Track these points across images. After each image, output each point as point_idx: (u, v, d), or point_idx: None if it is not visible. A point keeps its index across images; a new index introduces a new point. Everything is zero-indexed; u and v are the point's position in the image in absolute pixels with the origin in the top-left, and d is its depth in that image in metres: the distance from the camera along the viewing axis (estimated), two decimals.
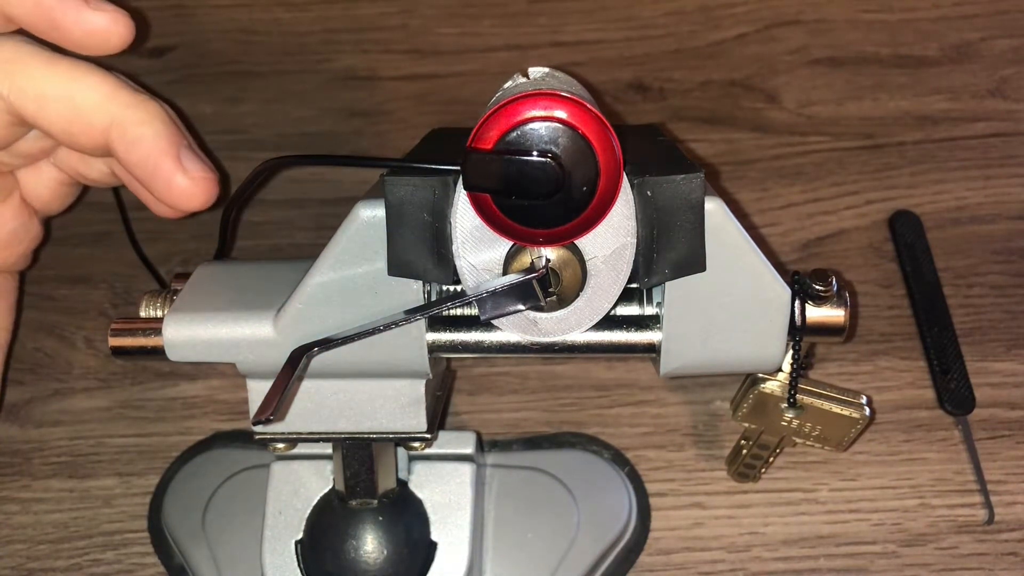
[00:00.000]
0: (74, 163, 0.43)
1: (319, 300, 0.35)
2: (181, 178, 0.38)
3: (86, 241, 0.53)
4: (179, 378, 0.49)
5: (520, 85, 0.33)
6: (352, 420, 0.38)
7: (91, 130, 0.37)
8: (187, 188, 0.38)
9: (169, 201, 0.38)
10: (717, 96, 0.58)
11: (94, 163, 0.43)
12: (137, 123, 0.37)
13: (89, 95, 0.37)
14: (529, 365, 0.49)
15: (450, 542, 0.40)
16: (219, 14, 0.61)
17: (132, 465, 0.47)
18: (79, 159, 0.43)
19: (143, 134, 0.37)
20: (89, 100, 0.37)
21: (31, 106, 0.37)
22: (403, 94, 0.58)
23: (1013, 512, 0.44)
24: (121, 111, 0.37)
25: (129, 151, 0.37)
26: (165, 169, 0.37)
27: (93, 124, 0.37)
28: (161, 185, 0.38)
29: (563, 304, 0.34)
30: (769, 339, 0.36)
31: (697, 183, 0.33)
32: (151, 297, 0.39)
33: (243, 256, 0.52)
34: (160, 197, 0.38)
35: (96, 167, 0.43)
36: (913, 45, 0.59)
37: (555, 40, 0.60)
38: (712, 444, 0.46)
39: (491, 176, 0.30)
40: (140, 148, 0.37)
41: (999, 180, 0.54)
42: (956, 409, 0.47)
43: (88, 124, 0.37)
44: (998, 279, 0.51)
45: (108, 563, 0.44)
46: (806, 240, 0.52)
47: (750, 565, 0.43)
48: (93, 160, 0.43)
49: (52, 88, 0.37)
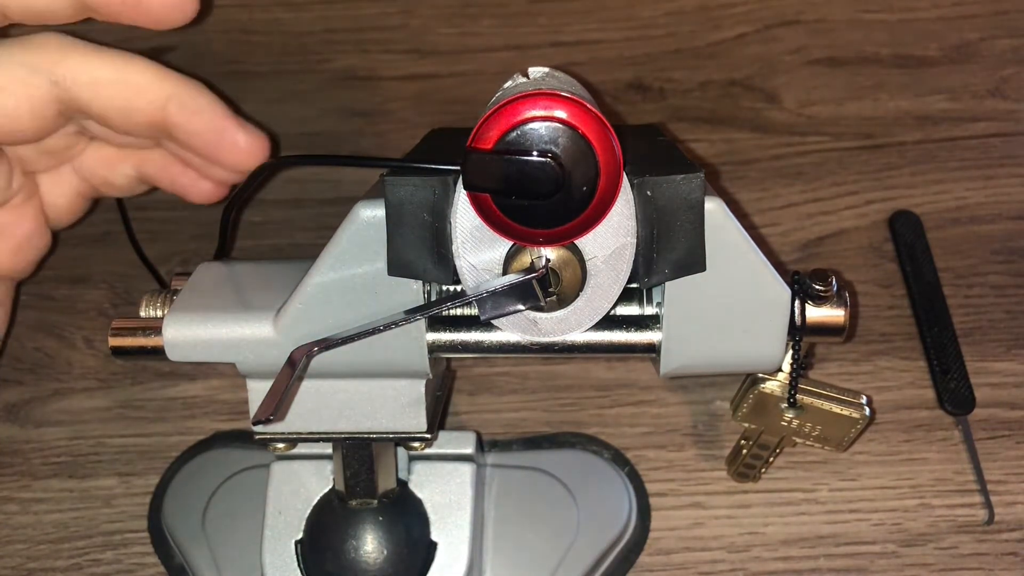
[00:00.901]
0: (98, 169, 0.44)
1: (319, 300, 0.35)
2: (245, 136, 0.41)
3: (86, 241, 0.53)
4: (179, 378, 0.49)
5: (520, 85, 0.33)
6: (352, 420, 0.38)
7: (149, 107, 0.39)
8: (252, 144, 0.41)
9: (234, 161, 0.41)
10: (717, 96, 0.58)
11: (120, 167, 0.44)
12: (194, 94, 0.40)
13: (143, 75, 0.39)
14: (529, 365, 0.49)
15: (450, 542, 0.40)
16: (219, 14, 0.61)
17: (132, 465, 0.47)
18: (104, 164, 0.44)
19: (202, 103, 0.40)
20: (144, 79, 0.39)
21: (86, 92, 0.38)
22: (403, 94, 0.58)
23: (1013, 512, 0.44)
24: (175, 85, 0.40)
25: (192, 119, 0.40)
26: (231, 130, 0.41)
27: (151, 100, 0.39)
28: (227, 146, 0.41)
29: (563, 304, 0.34)
30: (769, 339, 0.36)
31: (697, 183, 0.33)
32: (151, 297, 0.39)
33: (243, 256, 0.52)
34: (225, 159, 0.41)
35: (123, 172, 0.44)
36: (913, 45, 0.59)
37: (555, 40, 0.60)
38: (712, 444, 0.46)
39: (491, 176, 0.30)
40: (203, 115, 0.40)
41: (999, 180, 0.54)
42: (956, 409, 0.47)
43: (147, 101, 0.39)
44: (998, 279, 0.51)
45: (108, 563, 0.44)
46: (806, 240, 0.52)
47: (750, 565, 0.43)
48: (119, 164, 0.44)
49: (105, 72, 0.38)
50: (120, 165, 0.44)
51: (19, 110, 0.38)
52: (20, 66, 0.38)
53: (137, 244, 0.52)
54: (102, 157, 0.44)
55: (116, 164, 0.44)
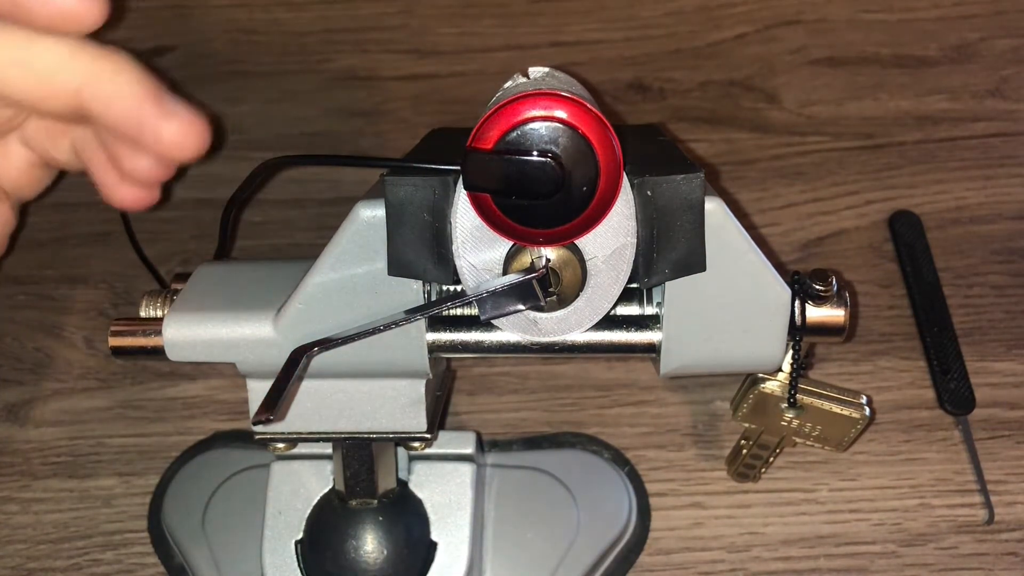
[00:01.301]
0: (42, 141, 0.40)
1: (319, 300, 0.35)
2: (170, 123, 0.34)
3: (86, 241, 0.53)
4: (179, 378, 0.49)
5: (520, 85, 0.33)
6: (352, 420, 0.38)
7: (61, 94, 0.34)
8: (179, 132, 0.34)
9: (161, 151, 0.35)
10: (717, 96, 0.58)
11: (61, 142, 0.40)
12: (110, 77, 0.34)
13: (48, 57, 0.34)
14: (529, 365, 0.49)
15: (450, 542, 0.40)
16: (219, 14, 0.61)
17: (132, 465, 0.47)
18: (46, 137, 0.40)
19: (119, 87, 0.34)
20: (50, 62, 0.34)
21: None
22: (403, 94, 0.58)
23: (1013, 512, 0.44)
24: (88, 68, 0.34)
25: (108, 107, 0.34)
26: (152, 116, 0.34)
27: (61, 87, 0.34)
28: (149, 135, 0.34)
29: (563, 304, 0.34)
30: (769, 339, 0.36)
31: (697, 183, 0.33)
32: (151, 297, 0.39)
33: (243, 256, 0.52)
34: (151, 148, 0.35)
35: (62, 147, 0.40)
36: (913, 45, 0.59)
37: (555, 40, 0.60)
38: (712, 444, 0.46)
39: (491, 176, 0.30)
40: (119, 102, 0.34)
41: (999, 180, 0.54)
42: (956, 409, 0.47)
43: (56, 88, 0.34)
44: (998, 279, 0.51)
45: (108, 563, 0.44)
46: (806, 240, 0.52)
47: (750, 565, 0.43)
48: (60, 139, 0.40)
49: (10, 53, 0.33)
50: (60, 139, 0.40)
51: None
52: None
53: (137, 244, 0.52)
54: (43, 128, 0.40)
55: (56, 138, 0.40)
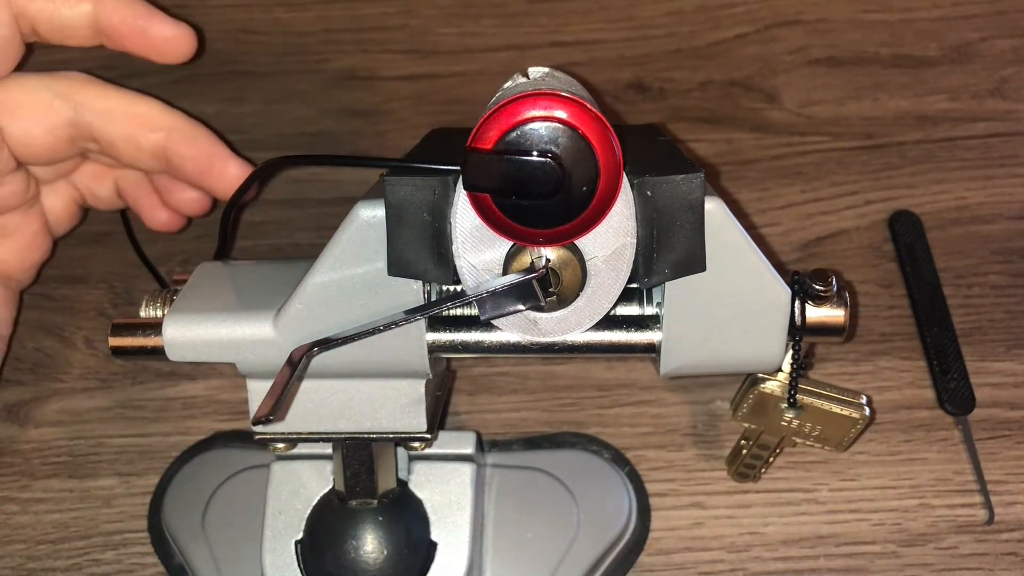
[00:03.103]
0: (87, 182, 0.49)
1: (319, 300, 0.35)
2: (235, 164, 0.46)
3: (86, 241, 0.53)
4: (179, 378, 0.49)
5: (520, 85, 0.33)
6: (352, 420, 0.38)
7: (153, 135, 0.44)
8: (239, 175, 0.46)
9: (222, 185, 0.46)
10: (717, 96, 0.58)
11: (105, 183, 0.49)
12: (193, 126, 0.46)
13: (150, 108, 0.45)
14: (529, 365, 0.49)
15: (450, 542, 0.40)
16: (219, 14, 0.61)
17: (132, 465, 0.47)
18: (92, 178, 0.49)
19: (199, 133, 0.46)
20: (150, 111, 0.45)
21: (98, 120, 0.44)
22: (403, 94, 0.58)
23: (1013, 512, 0.44)
24: (178, 118, 0.45)
25: (190, 145, 0.45)
26: (222, 157, 0.46)
27: (155, 129, 0.44)
28: (217, 173, 0.46)
29: (563, 304, 0.34)
30: (769, 339, 0.36)
31: (697, 183, 0.33)
32: (151, 297, 0.39)
33: (243, 256, 0.52)
34: (215, 183, 0.46)
35: (105, 187, 0.49)
36: (913, 45, 0.59)
37: (555, 40, 0.60)
38: (712, 444, 0.46)
39: (491, 176, 0.30)
40: (198, 143, 0.45)
41: (999, 180, 0.54)
42: (956, 409, 0.47)
43: (150, 129, 0.44)
44: (998, 279, 0.51)
45: (108, 563, 0.44)
46: (806, 240, 0.52)
47: (750, 565, 0.43)
48: (104, 180, 0.49)
49: (118, 103, 0.44)
50: (105, 179, 0.49)
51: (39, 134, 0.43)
52: (47, 91, 0.43)
53: (137, 244, 0.52)
54: (92, 171, 0.49)
55: (102, 178, 0.49)
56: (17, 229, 0.47)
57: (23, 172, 0.46)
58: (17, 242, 0.47)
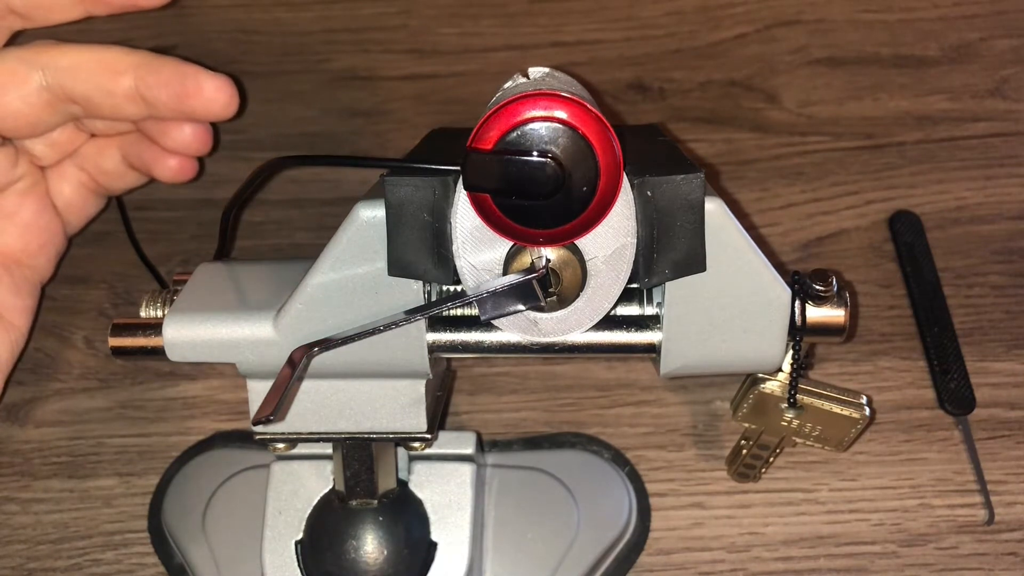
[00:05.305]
0: (93, 157, 0.48)
1: (319, 300, 0.35)
2: (210, 79, 0.44)
3: (86, 241, 0.53)
4: (179, 378, 0.49)
5: (520, 85, 0.33)
6: (352, 420, 0.38)
7: (123, 78, 0.43)
8: (217, 88, 0.44)
9: (203, 107, 0.44)
10: (717, 96, 0.58)
11: (110, 153, 0.48)
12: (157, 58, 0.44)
13: (112, 52, 0.44)
14: (529, 365, 0.49)
15: (450, 542, 0.40)
16: (219, 14, 0.61)
17: (132, 465, 0.47)
18: (97, 152, 0.48)
19: (165, 61, 0.44)
20: (114, 56, 0.43)
21: (67, 77, 0.43)
22: (403, 94, 0.58)
23: (1013, 512, 0.44)
24: (140, 55, 0.44)
25: (158, 73, 0.43)
26: (192, 76, 0.44)
27: (122, 71, 0.43)
28: (192, 91, 0.44)
29: (563, 304, 0.34)
30: (769, 339, 0.36)
31: (697, 183, 0.33)
32: (151, 297, 0.39)
33: (243, 256, 0.52)
34: (192, 107, 0.44)
35: (112, 157, 0.48)
36: (913, 45, 0.59)
37: (555, 40, 0.60)
38: (712, 444, 0.46)
39: (491, 176, 0.30)
40: (165, 69, 0.43)
41: (999, 180, 0.54)
42: (956, 409, 0.47)
43: (118, 72, 0.43)
44: (998, 279, 0.51)
45: (108, 563, 0.44)
46: (806, 240, 0.52)
47: (750, 565, 0.43)
48: (109, 150, 0.48)
49: (80, 57, 0.43)
50: (108, 150, 0.49)
51: (14, 103, 0.43)
52: (12, 59, 0.43)
53: (137, 244, 0.52)
54: (94, 146, 0.49)
55: (105, 149, 0.49)
56: (16, 210, 0.46)
57: (9, 148, 0.45)
58: (17, 224, 0.47)
